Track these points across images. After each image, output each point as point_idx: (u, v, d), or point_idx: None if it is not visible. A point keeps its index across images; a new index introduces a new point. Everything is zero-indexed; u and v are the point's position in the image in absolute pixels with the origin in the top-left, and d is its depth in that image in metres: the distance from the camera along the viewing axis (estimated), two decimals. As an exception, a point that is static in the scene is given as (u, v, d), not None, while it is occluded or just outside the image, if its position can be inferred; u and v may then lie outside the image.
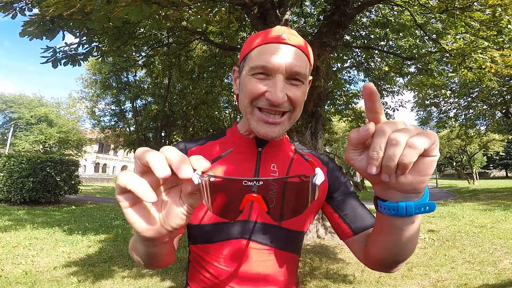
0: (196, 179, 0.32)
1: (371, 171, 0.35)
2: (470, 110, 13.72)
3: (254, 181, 0.34)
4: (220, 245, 0.61)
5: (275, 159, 0.66)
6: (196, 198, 0.35)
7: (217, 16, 2.24)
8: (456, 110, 14.01)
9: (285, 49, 0.57)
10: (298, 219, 0.63)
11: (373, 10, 6.34)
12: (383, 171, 0.35)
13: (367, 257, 0.58)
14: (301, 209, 0.38)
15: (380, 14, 6.20)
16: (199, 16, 2.16)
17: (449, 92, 11.94)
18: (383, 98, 7.33)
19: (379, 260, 0.54)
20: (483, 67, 3.69)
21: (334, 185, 0.68)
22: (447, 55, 4.68)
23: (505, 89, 11.17)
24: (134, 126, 15.12)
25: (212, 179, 0.34)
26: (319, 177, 0.35)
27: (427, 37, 5.49)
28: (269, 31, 0.61)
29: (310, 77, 0.65)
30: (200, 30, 5.79)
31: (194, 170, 0.33)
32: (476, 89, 11.55)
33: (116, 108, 15.72)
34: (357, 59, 6.84)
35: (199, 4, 2.40)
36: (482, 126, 15.22)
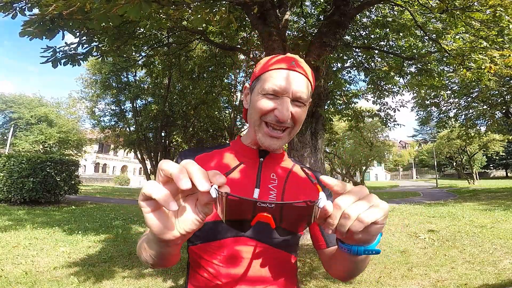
0: (214, 193, 0.37)
1: (328, 232, 0.43)
2: (470, 110, 13.72)
3: (268, 204, 0.38)
4: (220, 243, 0.64)
5: (274, 169, 0.75)
6: (210, 208, 0.41)
7: (217, 16, 2.24)
8: (456, 110, 14.00)
9: (293, 76, 0.67)
10: (298, 222, 0.67)
11: (373, 10, 6.34)
12: (336, 232, 0.43)
13: (329, 270, 0.70)
14: (303, 227, 0.45)
15: (380, 14, 6.20)
16: (198, 16, 2.15)
17: (448, 92, 11.94)
18: (383, 98, 7.33)
19: (337, 275, 0.67)
20: (483, 67, 3.69)
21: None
22: (447, 55, 4.68)
23: (505, 89, 11.16)
24: (134, 126, 15.12)
25: (230, 196, 0.38)
26: (322, 201, 0.40)
27: (427, 37, 5.49)
28: (281, 57, 0.72)
29: (310, 99, 0.76)
30: (200, 30, 5.79)
31: (212, 183, 0.37)
32: (476, 89, 11.55)
33: (116, 108, 15.72)
34: (357, 59, 6.84)
35: (198, 3, 2.40)
36: (482, 126, 15.23)
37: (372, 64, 6.90)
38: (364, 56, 6.63)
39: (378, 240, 0.47)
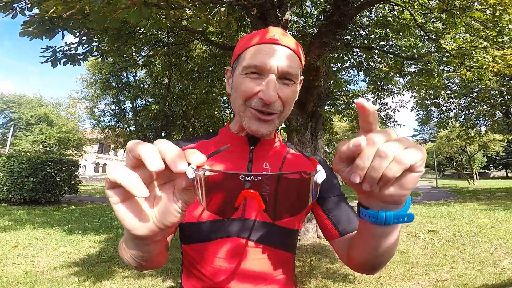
0: (191, 173, 0.31)
1: (355, 180, 0.34)
2: (470, 110, 13.71)
3: (252, 176, 0.33)
4: (216, 243, 0.61)
5: (267, 157, 0.67)
6: (191, 194, 0.34)
7: (216, 17, 2.24)
8: (456, 110, 14.00)
9: (278, 50, 0.59)
10: (285, 203, 0.64)
11: (373, 10, 6.34)
12: (365, 181, 0.34)
13: (349, 259, 0.59)
14: (299, 209, 0.38)
15: (380, 14, 6.20)
16: (198, 18, 2.15)
17: (448, 92, 11.94)
18: (383, 99, 7.34)
19: (359, 263, 0.56)
20: (485, 66, 3.69)
21: (325, 186, 0.68)
22: (447, 55, 4.68)
23: (505, 89, 11.16)
24: (134, 126, 15.12)
25: (207, 173, 0.32)
26: (321, 174, 0.34)
27: (427, 37, 5.49)
28: (262, 31, 0.62)
29: (302, 77, 0.67)
30: (200, 30, 5.79)
31: (189, 164, 0.31)
32: (476, 89, 11.54)
33: (116, 108, 15.72)
34: (357, 59, 6.84)
35: (198, 6, 2.40)
36: (482, 126, 15.23)
37: (372, 64, 6.90)
38: (364, 56, 6.63)
39: (409, 203, 0.38)
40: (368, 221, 0.41)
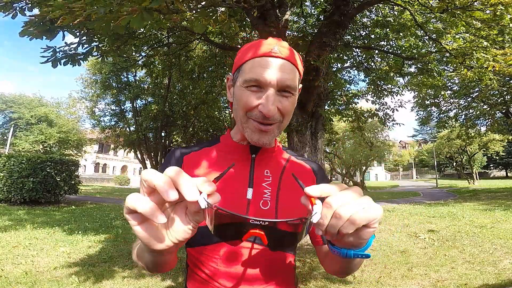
0: (203, 204, 0.35)
1: (318, 233, 0.41)
2: (470, 110, 13.71)
3: (261, 221, 0.36)
4: (216, 246, 0.63)
5: (268, 165, 0.71)
6: (201, 215, 0.38)
7: (218, 20, 2.24)
8: (456, 110, 14.00)
9: (276, 63, 0.61)
10: (284, 240, 0.70)
11: (373, 10, 6.34)
12: (327, 234, 0.41)
13: (325, 267, 0.70)
14: (294, 243, 0.43)
15: (380, 14, 6.20)
16: (199, 22, 2.15)
17: (449, 92, 11.93)
18: (383, 98, 7.33)
19: (332, 273, 0.67)
20: (485, 66, 3.68)
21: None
22: (448, 54, 4.68)
23: (505, 89, 11.16)
24: (134, 126, 15.12)
25: (220, 210, 0.36)
26: (316, 216, 0.39)
27: (427, 37, 5.48)
28: (261, 43, 0.64)
29: (300, 85, 0.70)
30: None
31: (200, 192, 0.35)
32: (476, 89, 11.54)
33: (116, 108, 15.72)
34: (357, 59, 6.84)
35: (199, 10, 2.40)
36: (482, 126, 15.23)
37: (372, 64, 6.90)
38: (364, 56, 6.63)
39: (369, 244, 0.45)
40: (334, 254, 0.48)
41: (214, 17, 2.17)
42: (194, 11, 2.29)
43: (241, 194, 0.65)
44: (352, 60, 6.90)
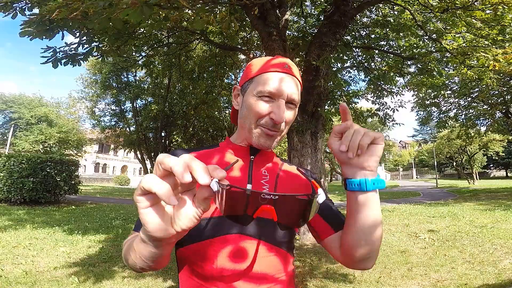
0: (216, 186, 0.37)
1: (342, 148, 0.54)
2: (470, 110, 13.71)
3: (271, 195, 0.39)
4: (217, 240, 0.63)
5: (265, 166, 0.77)
6: (208, 203, 0.39)
7: (217, 17, 2.24)
8: (456, 110, 14.00)
9: (289, 79, 0.70)
10: (294, 216, 0.69)
11: (373, 9, 6.34)
12: (349, 150, 0.54)
13: (342, 251, 0.68)
14: (302, 222, 0.45)
15: (380, 13, 6.20)
16: (199, 18, 2.15)
17: (449, 92, 11.93)
18: (383, 98, 7.33)
19: (351, 250, 0.63)
20: (486, 65, 3.68)
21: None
22: (448, 54, 4.68)
23: (505, 89, 11.16)
24: (134, 126, 15.14)
25: (231, 187, 0.38)
26: (321, 196, 0.43)
27: (427, 37, 5.48)
28: (274, 59, 0.73)
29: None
30: (200, 30, 5.79)
31: (212, 178, 0.37)
32: (476, 89, 11.54)
33: (116, 108, 15.74)
34: (357, 59, 6.84)
35: (199, 6, 2.40)
36: (482, 126, 15.23)
37: (372, 64, 6.90)
38: (364, 56, 6.63)
39: (379, 177, 0.57)
40: (353, 190, 0.58)
41: (214, 14, 2.17)
42: (194, 7, 2.29)
43: None
44: (352, 60, 6.90)
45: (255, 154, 0.76)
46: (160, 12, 2.48)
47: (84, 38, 3.54)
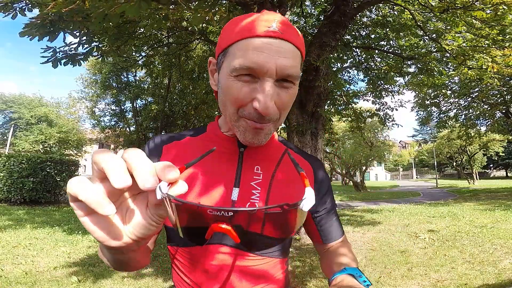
0: (159, 194, 0.28)
1: None
2: (470, 110, 13.72)
3: (223, 211, 0.28)
4: (199, 249, 0.56)
5: (259, 160, 0.60)
6: (165, 209, 0.30)
7: (216, 15, 2.24)
8: (456, 110, 14.00)
9: (277, 46, 0.47)
10: (285, 225, 0.64)
11: (373, 9, 6.34)
12: None
13: (322, 268, 0.66)
14: (283, 237, 0.34)
15: (380, 13, 6.20)
16: (198, 15, 2.15)
17: (449, 92, 11.93)
18: (383, 98, 7.34)
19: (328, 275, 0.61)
20: (485, 67, 3.69)
21: (320, 200, 0.67)
22: (448, 54, 4.68)
23: (505, 89, 11.16)
24: (134, 126, 15.13)
25: (173, 199, 0.28)
26: (307, 202, 0.30)
27: (427, 37, 5.48)
28: (255, 18, 0.50)
29: (300, 73, 0.57)
30: (200, 30, 5.79)
31: (160, 180, 0.28)
32: (476, 89, 11.55)
33: (116, 108, 15.73)
34: (357, 59, 6.84)
35: (198, 2, 2.40)
36: (482, 126, 15.24)
37: (372, 64, 6.90)
38: (364, 56, 6.63)
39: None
40: None
41: (213, 10, 2.17)
42: (192, 4, 2.29)
43: (226, 194, 0.56)
44: (352, 60, 6.90)
45: (245, 146, 0.59)
46: (160, 7, 2.48)
47: (84, 38, 3.54)
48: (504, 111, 13.25)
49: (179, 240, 0.58)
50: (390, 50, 6.45)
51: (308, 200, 0.30)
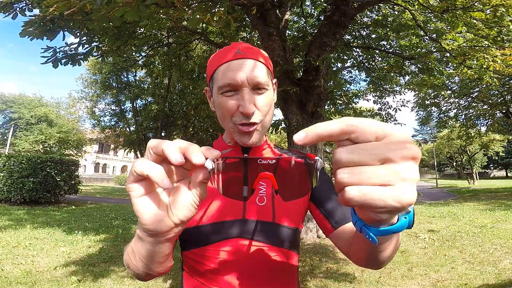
0: (210, 164, 0.35)
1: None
2: (470, 110, 13.72)
3: (268, 160, 0.38)
4: (218, 245, 0.63)
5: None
6: (205, 189, 0.37)
7: (215, 17, 2.24)
8: (456, 110, 14.01)
9: (244, 64, 0.63)
10: (292, 215, 0.68)
11: (373, 9, 6.35)
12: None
13: (351, 255, 0.60)
14: (305, 191, 0.42)
15: (380, 13, 6.20)
16: (197, 16, 2.15)
17: (449, 92, 11.94)
18: (384, 98, 7.34)
19: (362, 261, 0.57)
20: (485, 66, 3.69)
21: (325, 197, 0.70)
22: (447, 55, 4.68)
23: (505, 89, 11.16)
24: (134, 126, 15.14)
25: (226, 159, 0.37)
26: (320, 162, 0.38)
27: (427, 38, 5.49)
28: (227, 49, 0.67)
29: (275, 80, 0.73)
30: (200, 30, 5.79)
31: (206, 158, 0.35)
32: (476, 89, 11.55)
33: (116, 108, 15.74)
34: (358, 59, 6.84)
35: (197, 4, 2.40)
36: (482, 126, 15.25)
37: (373, 63, 6.91)
38: (365, 56, 6.63)
39: (411, 215, 0.34)
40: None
41: (212, 12, 2.17)
42: (190, 7, 2.29)
43: (238, 190, 0.64)
44: (353, 60, 6.90)
45: (248, 152, 0.72)
46: (159, 14, 2.49)
47: (84, 38, 3.54)
48: (504, 111, 13.25)
49: (194, 242, 0.64)
50: (391, 50, 6.46)
51: (320, 161, 0.38)
